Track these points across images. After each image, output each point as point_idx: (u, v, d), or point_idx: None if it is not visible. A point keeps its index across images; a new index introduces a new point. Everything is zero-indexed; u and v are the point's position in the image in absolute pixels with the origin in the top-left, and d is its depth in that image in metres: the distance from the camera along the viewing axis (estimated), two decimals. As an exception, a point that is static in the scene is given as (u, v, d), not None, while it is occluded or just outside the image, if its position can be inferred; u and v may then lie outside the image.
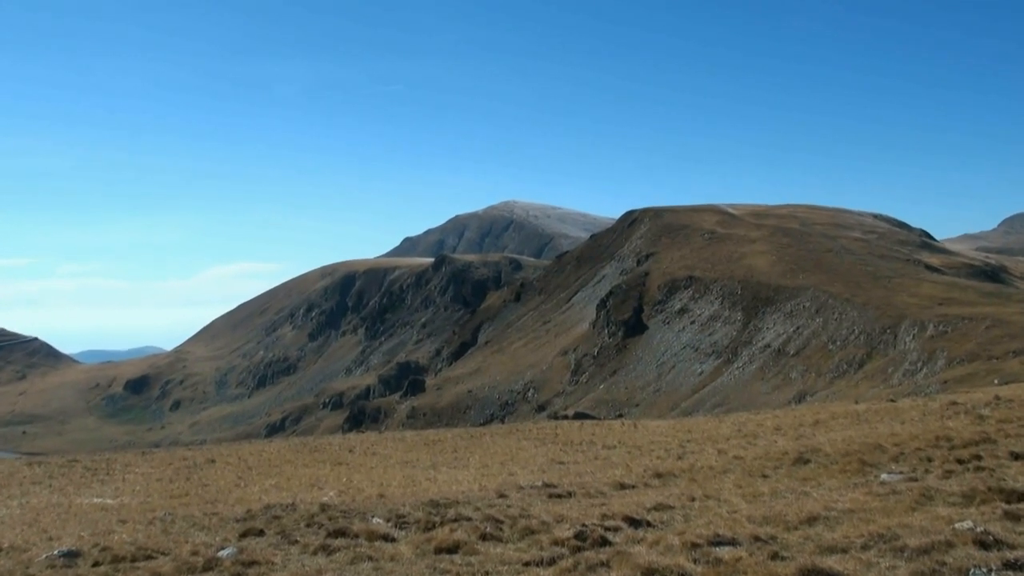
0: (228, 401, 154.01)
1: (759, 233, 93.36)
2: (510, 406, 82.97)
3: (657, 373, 72.27)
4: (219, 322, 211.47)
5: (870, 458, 13.66)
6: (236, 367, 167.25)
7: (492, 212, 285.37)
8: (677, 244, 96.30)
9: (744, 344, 68.01)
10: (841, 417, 23.58)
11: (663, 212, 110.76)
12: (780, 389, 58.06)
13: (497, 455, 22.97)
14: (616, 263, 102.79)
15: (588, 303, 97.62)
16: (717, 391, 63.18)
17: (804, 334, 63.79)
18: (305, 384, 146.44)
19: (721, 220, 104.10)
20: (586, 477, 16.51)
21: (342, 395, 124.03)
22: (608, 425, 31.05)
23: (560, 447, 24.01)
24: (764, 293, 73.16)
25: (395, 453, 25.27)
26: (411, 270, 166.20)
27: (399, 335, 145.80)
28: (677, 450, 20.63)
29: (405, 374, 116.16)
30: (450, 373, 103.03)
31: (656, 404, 66.80)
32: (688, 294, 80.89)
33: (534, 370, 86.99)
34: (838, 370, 56.24)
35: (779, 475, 13.64)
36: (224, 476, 21.74)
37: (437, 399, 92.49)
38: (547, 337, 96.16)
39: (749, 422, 25.89)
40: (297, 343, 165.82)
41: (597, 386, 76.20)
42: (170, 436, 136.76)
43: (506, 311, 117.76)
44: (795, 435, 20.70)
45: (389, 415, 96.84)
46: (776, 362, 62.38)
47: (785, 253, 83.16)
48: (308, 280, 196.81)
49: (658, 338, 77.84)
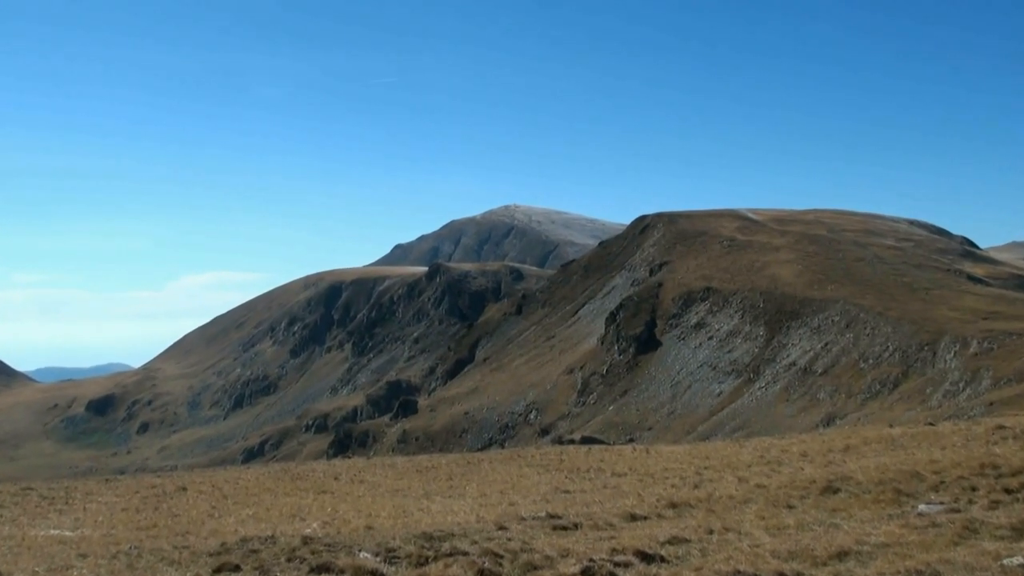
0: (201, 423, 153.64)
1: (783, 240, 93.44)
2: (510, 429, 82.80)
3: (671, 393, 72.16)
4: (192, 337, 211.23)
5: (907, 487, 13.61)
6: (210, 386, 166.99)
7: (491, 217, 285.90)
8: (693, 252, 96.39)
9: (767, 362, 67.93)
10: (874, 442, 23.53)
11: (678, 217, 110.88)
12: (807, 411, 57.96)
13: (496, 483, 22.92)
14: (627, 273, 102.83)
15: (596, 317, 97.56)
16: (737, 413, 63.06)
17: (833, 351, 63.73)
18: (286, 405, 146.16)
19: (741, 226, 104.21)
20: (594, 507, 16.46)
21: (327, 417, 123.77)
22: (618, 450, 31.01)
23: (565, 474, 23.97)
24: (789, 306, 73.16)
25: (385, 481, 25.22)
26: (402, 280, 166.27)
27: (389, 351, 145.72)
28: (694, 478, 20.59)
29: (396, 394, 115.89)
30: (445, 393, 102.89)
31: (670, 427, 66.64)
32: (705, 307, 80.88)
33: (537, 390, 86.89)
34: (871, 391, 56.13)
35: (806, 505, 13.60)
36: (196, 506, 21.68)
37: (431, 422, 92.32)
38: (551, 354, 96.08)
39: (773, 447, 25.86)
40: (277, 360, 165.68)
41: (606, 408, 76.08)
42: (137, 462, 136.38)
43: (506, 325, 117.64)
44: (823, 462, 20.66)
45: (378, 439, 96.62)
46: (802, 382, 62.30)
47: (812, 262, 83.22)
48: (290, 291, 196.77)
49: (673, 355, 77.79)
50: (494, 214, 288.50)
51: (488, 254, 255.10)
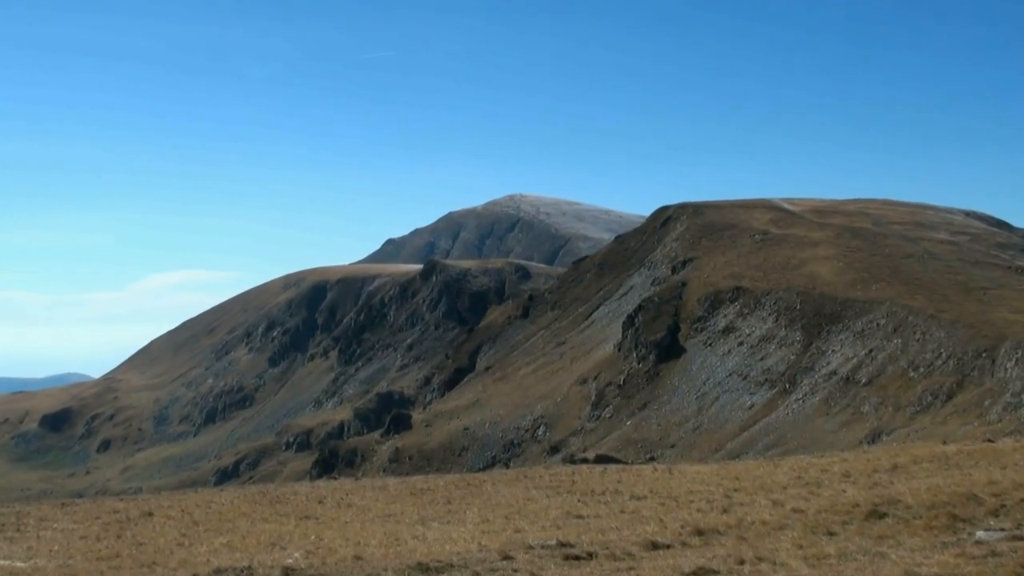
0: (169, 441, 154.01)
1: (822, 234, 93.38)
2: (516, 447, 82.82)
3: (697, 406, 72.15)
4: (158, 343, 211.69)
5: (963, 511, 13.59)
6: (179, 399, 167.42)
7: (494, 208, 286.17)
8: (721, 247, 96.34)
9: (804, 371, 67.89)
10: (926, 461, 23.52)
11: (704, 208, 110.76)
12: (849, 426, 57.92)
13: (500, 507, 22.95)
14: (646, 271, 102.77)
15: (612, 320, 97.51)
16: (771, 428, 63.03)
17: (879, 358, 63.65)
18: (264, 420, 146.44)
19: (776, 218, 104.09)
20: (610, 534, 16.47)
21: (310, 433, 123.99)
22: (637, 471, 31.05)
23: (578, 497, 24.01)
24: (829, 308, 73.11)
25: (375, 505, 25.27)
26: (394, 279, 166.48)
27: (380, 359, 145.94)
28: (722, 501, 20.60)
29: (387, 407, 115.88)
30: (442, 406, 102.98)
31: (696, 445, 66.59)
32: (735, 309, 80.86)
33: (546, 403, 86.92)
34: (921, 403, 56.05)
35: (849, 532, 13.60)
36: (164, 533, 21.74)
37: (426, 438, 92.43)
38: (562, 362, 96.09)
39: (811, 467, 25.88)
40: (254, 369, 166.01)
41: (623, 422, 76.10)
42: (97, 483, 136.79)
43: (511, 330, 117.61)
44: (868, 483, 20.65)
45: (367, 458, 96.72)
46: (844, 393, 62.25)
47: (854, 259, 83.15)
48: (268, 292, 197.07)
49: (698, 363, 77.78)
50: (497, 205, 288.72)
51: (490, 250, 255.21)
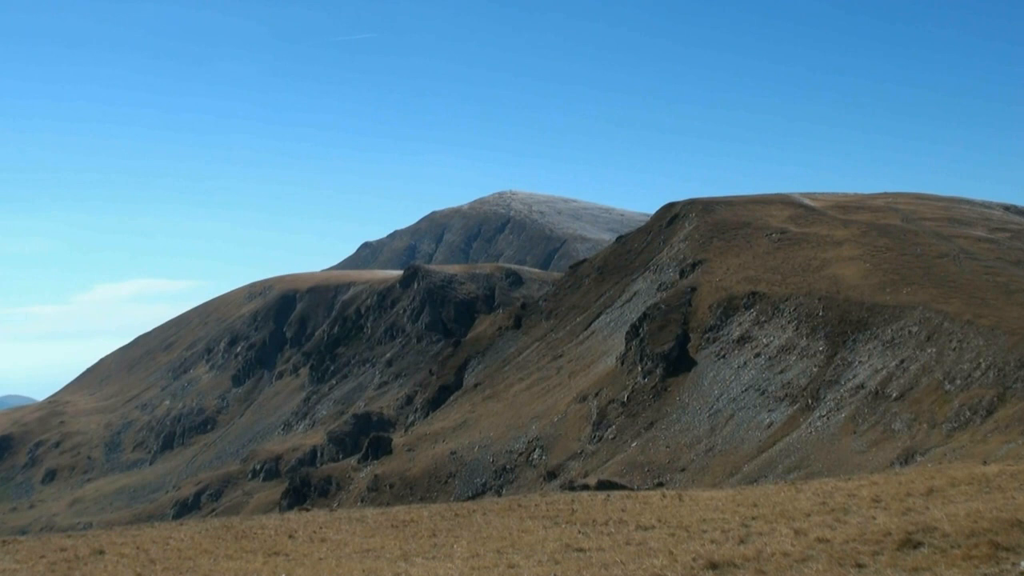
0: (122, 470, 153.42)
1: (847, 232, 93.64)
2: (509, 472, 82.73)
3: (710, 425, 72.20)
4: (108, 361, 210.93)
5: (1005, 540, 13.62)
6: (133, 423, 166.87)
7: (482, 207, 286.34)
8: (735, 248, 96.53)
9: (828, 384, 68.00)
10: (964, 484, 23.55)
11: (714, 205, 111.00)
12: (879, 445, 58.00)
13: (492, 540, 22.92)
14: (652, 275, 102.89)
15: (614, 330, 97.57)
16: (792, 449, 63.09)
17: (911, 370, 63.79)
18: (228, 445, 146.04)
19: (795, 215, 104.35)
20: (614, 569, 16.46)
21: (278, 460, 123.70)
22: (643, 497, 31.01)
23: (578, 528, 24.01)
24: (855, 314, 73.26)
25: (352, 539, 25.22)
26: (371, 287, 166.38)
27: (356, 376, 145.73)
28: (738, 531, 20.61)
29: (364, 430, 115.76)
30: (426, 428, 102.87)
31: (709, 468, 66.62)
32: (751, 316, 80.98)
33: (541, 423, 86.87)
34: (958, 419, 56.16)
35: (879, 564, 13.61)
36: (117, 573, 21.66)
37: (408, 464, 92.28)
38: (559, 377, 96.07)
39: (837, 491, 25.89)
40: (216, 389, 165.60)
41: (628, 444, 76.10)
42: (42, 518, 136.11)
43: (502, 342, 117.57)
44: (900, 509, 20.68)
45: (343, 487, 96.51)
46: (873, 409, 62.36)
47: (883, 259, 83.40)
48: (231, 302, 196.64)
49: (710, 377, 77.85)
50: (485, 203, 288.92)
51: (478, 253, 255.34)
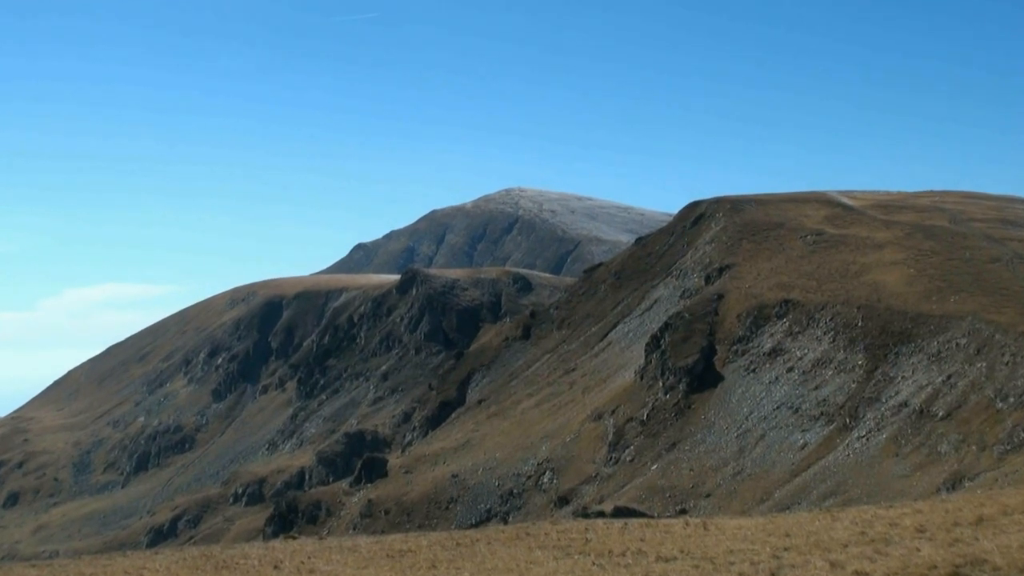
0: (92, 493, 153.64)
1: (889, 234, 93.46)
2: (517, 498, 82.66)
3: (738, 447, 72.06)
4: (77, 374, 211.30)
5: (1062, 574, 13.58)
6: (104, 441, 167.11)
7: (487, 205, 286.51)
8: (766, 252, 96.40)
9: (868, 402, 67.84)
10: (1018, 512, 23.50)
11: (744, 204, 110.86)
12: (924, 469, 57.83)
13: (497, 572, 22.92)
14: (674, 281, 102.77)
15: (633, 341, 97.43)
16: (828, 473, 62.94)
17: (959, 386, 63.62)
18: (207, 466, 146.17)
19: (832, 215, 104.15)
20: (632, 605, 16.44)
21: (263, 482, 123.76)
22: (665, 526, 30.98)
23: (592, 560, 24.01)
24: (897, 325, 73.10)
25: (343, 570, 25.23)
26: (365, 293, 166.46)
27: (348, 391, 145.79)
28: (769, 563, 20.60)
29: (357, 450, 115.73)
30: (425, 448, 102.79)
31: (737, 493, 66.47)
32: (783, 327, 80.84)
33: (552, 443, 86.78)
34: (1012, 440, 55.99)
35: (924, 600, 13.57)
36: (86, 607, 21.68)
37: (406, 488, 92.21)
38: (571, 393, 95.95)
39: (877, 520, 25.85)
40: (195, 404, 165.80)
41: (648, 467, 75.99)
42: (4, 546, 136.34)
43: (509, 354, 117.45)
44: (948, 539, 20.64)
45: (334, 512, 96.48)
46: (917, 429, 62.18)
47: (928, 264, 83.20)
48: (211, 309, 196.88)
49: (739, 393, 77.71)
50: (491, 201, 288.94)
51: (483, 256, 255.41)
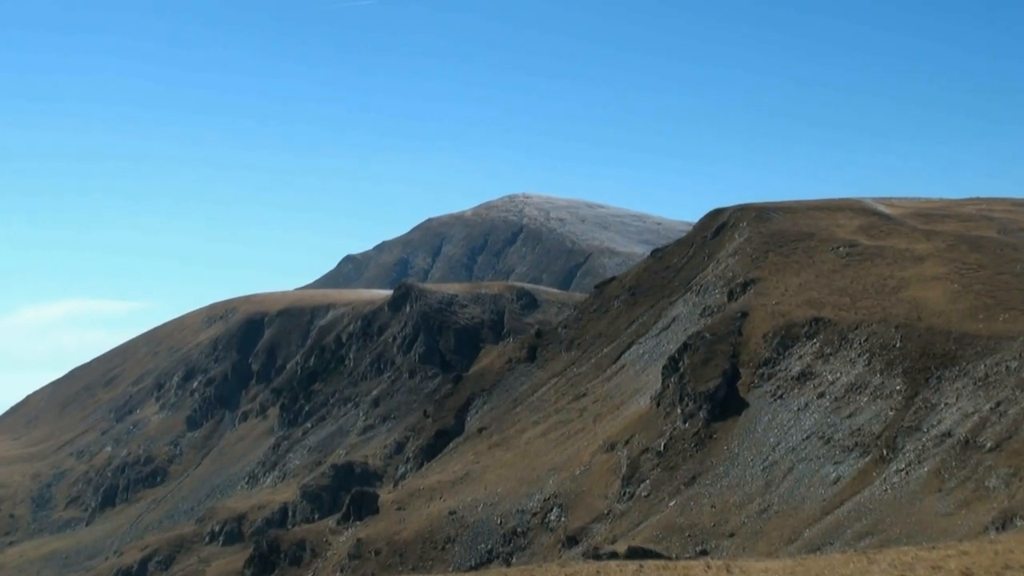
0: (52, 531, 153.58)
1: (930, 245, 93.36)
2: (520, 537, 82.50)
3: (764, 481, 71.90)
4: (37, 399, 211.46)
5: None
6: (66, 474, 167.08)
7: (488, 213, 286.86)
8: (794, 265, 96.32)
9: (908, 431, 67.71)
10: (1071, 556, 23.50)
11: (770, 212, 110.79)
12: (969, 506, 57.68)
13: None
14: (694, 297, 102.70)
15: (648, 364, 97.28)
16: (864, 510, 62.78)
17: (1009, 414, 63.53)
18: (181, 501, 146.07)
19: (867, 224, 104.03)
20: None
21: (242, 519, 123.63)
22: (684, 568, 31.03)
23: (603, 610, 24.01)
24: (940, 346, 72.98)
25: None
26: (355, 310, 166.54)
27: (335, 419, 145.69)
28: (798, 614, 20.62)
29: (345, 484, 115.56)
30: (420, 482, 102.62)
31: (763, 533, 66.29)
32: (813, 348, 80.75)
33: (560, 477, 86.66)
34: (1066, 474, 55.87)
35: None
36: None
37: (398, 526, 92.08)
38: (581, 421, 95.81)
39: (919, 563, 25.89)
40: (168, 433, 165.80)
41: (665, 503, 75.82)
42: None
43: (512, 377, 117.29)
44: (994, 588, 20.66)
45: (319, 553, 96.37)
46: (962, 461, 62.04)
47: (974, 279, 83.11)
48: (186, 328, 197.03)
49: (765, 422, 77.57)
50: (493, 208, 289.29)
51: (484, 269, 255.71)
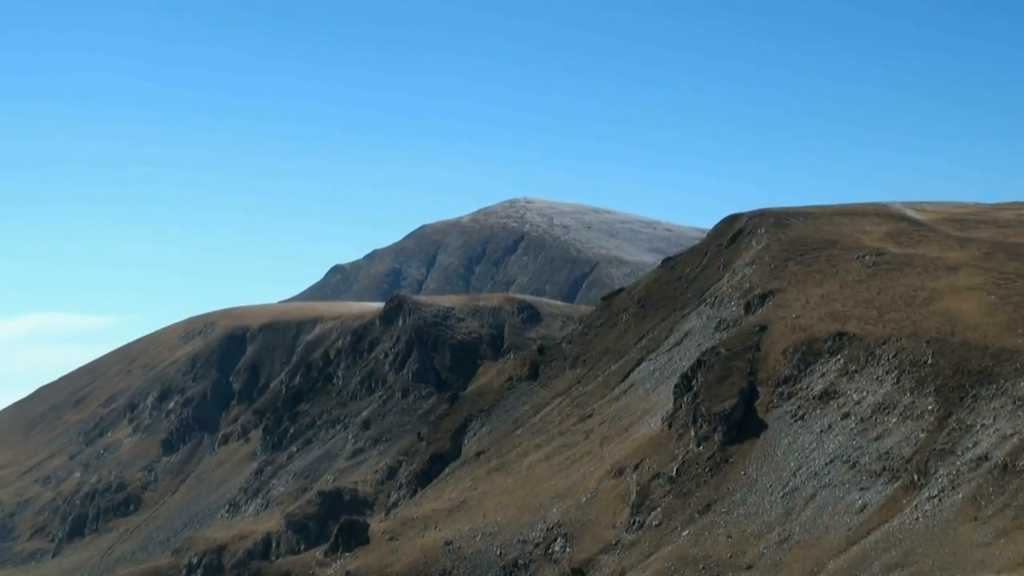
0: (16, 563, 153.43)
1: (964, 254, 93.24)
2: (522, 569, 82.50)
3: (784, 508, 71.76)
4: (1, 420, 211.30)
5: None
6: (31, 501, 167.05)
7: (487, 220, 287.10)
8: (816, 275, 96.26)
9: (941, 455, 67.56)
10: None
11: (790, 218, 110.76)
12: (1008, 536, 57.55)
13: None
14: (708, 310, 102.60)
15: (660, 382, 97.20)
16: (893, 539, 62.65)
17: (1049, 436, 63.39)
18: (156, 531, 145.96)
19: (895, 230, 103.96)
20: None
21: (222, 551, 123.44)
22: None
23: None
24: (975, 362, 72.85)
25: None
26: (343, 324, 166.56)
27: (323, 442, 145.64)
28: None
29: (333, 512, 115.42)
30: (414, 510, 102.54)
31: (784, 564, 66.20)
32: (837, 365, 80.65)
33: (565, 504, 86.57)
34: (1112, 501, 55.72)
35: None
36: None
37: (390, 557, 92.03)
38: (587, 444, 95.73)
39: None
40: (143, 457, 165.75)
41: (677, 532, 75.71)
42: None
43: (513, 397, 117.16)
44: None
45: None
46: (1000, 487, 61.90)
47: (1012, 289, 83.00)
48: (161, 344, 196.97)
49: (785, 444, 77.45)
50: (492, 214, 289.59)
51: (482, 280, 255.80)
